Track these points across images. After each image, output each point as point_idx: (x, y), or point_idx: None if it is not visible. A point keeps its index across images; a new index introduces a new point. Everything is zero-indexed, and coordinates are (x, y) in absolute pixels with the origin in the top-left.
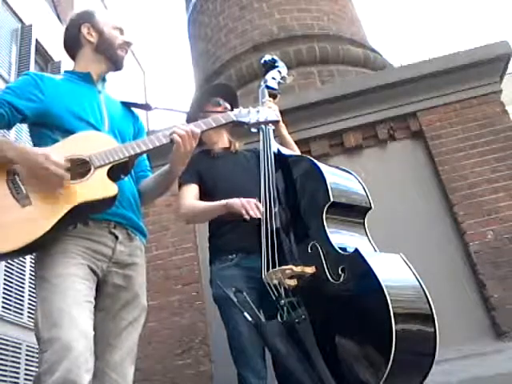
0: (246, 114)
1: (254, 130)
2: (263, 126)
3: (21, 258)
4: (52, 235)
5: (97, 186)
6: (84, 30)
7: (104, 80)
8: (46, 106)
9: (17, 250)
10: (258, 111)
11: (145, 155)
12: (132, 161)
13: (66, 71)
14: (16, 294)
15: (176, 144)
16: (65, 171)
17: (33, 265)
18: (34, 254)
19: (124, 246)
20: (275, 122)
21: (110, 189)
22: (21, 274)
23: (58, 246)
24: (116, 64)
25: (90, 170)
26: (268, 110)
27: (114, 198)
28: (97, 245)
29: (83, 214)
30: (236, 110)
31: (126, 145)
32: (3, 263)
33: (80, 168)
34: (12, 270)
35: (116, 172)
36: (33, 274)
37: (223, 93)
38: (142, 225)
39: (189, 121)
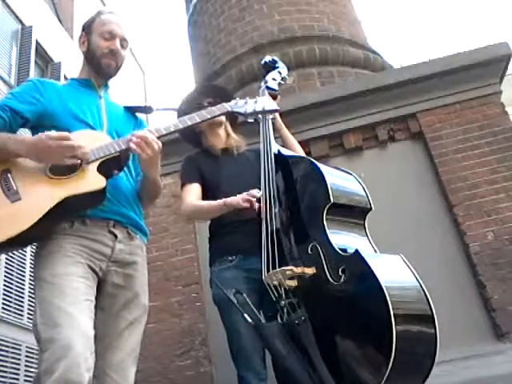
0: (243, 104)
1: (251, 120)
2: (262, 123)
3: (21, 260)
4: (42, 229)
5: (85, 181)
6: (80, 40)
7: (106, 86)
8: (44, 107)
9: (2, 244)
10: (255, 101)
11: None
12: (125, 156)
13: (70, 78)
14: (16, 295)
15: (134, 152)
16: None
17: (33, 266)
18: (33, 254)
19: (124, 245)
20: (274, 112)
21: (98, 182)
22: (21, 275)
23: (56, 245)
24: (101, 74)
25: (81, 165)
26: (266, 100)
27: (102, 191)
28: (95, 244)
29: (73, 209)
30: (232, 101)
31: (117, 140)
32: (3, 264)
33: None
34: (12, 271)
35: (108, 168)
36: (32, 275)
37: (215, 94)
38: (143, 224)
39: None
